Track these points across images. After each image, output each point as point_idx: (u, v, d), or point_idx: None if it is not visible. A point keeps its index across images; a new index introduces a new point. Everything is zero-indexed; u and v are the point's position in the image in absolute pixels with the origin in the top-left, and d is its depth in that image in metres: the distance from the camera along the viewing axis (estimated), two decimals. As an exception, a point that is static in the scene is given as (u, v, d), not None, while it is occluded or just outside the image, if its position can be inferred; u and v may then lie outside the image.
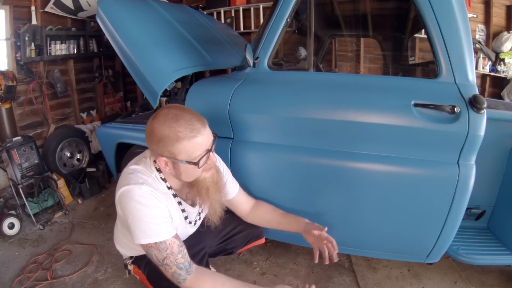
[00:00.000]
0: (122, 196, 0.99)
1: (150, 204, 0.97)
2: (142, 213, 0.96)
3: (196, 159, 0.96)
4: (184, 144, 0.93)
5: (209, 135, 0.99)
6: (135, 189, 0.96)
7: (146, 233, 0.96)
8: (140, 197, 0.96)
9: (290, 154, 1.34)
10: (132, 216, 0.97)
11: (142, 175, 1.01)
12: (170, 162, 0.98)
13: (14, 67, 2.44)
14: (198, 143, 0.94)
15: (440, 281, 1.53)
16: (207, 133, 0.98)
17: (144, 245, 0.97)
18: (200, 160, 0.96)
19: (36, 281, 1.55)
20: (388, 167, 1.23)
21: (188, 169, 0.98)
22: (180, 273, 0.96)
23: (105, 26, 1.71)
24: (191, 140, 0.93)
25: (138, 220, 0.96)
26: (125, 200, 0.98)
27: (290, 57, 2.69)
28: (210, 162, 1.01)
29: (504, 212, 1.51)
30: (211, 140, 0.99)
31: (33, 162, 2.20)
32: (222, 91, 1.40)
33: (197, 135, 0.94)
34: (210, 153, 0.99)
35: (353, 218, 1.34)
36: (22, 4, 2.47)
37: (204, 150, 0.97)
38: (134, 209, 0.96)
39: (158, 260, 0.97)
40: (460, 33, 1.15)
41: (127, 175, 1.02)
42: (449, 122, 1.14)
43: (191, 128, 0.93)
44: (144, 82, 1.57)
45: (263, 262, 1.69)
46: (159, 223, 0.98)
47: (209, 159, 1.00)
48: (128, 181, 0.99)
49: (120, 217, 1.14)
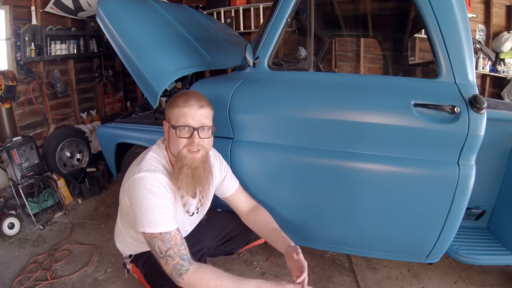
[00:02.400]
0: (134, 182, 1.01)
1: (159, 194, 1.00)
2: (151, 201, 0.98)
3: (177, 125, 1.05)
4: (175, 109, 1.07)
5: (199, 115, 1.06)
6: (147, 176, 1.00)
7: (152, 222, 0.97)
8: (152, 186, 0.99)
9: (290, 154, 1.34)
10: (140, 204, 0.98)
11: (153, 162, 1.06)
12: (167, 125, 1.10)
13: (14, 67, 2.45)
14: (183, 112, 1.05)
15: (440, 281, 1.53)
16: (199, 112, 1.06)
17: (148, 234, 0.98)
18: (177, 127, 1.04)
19: (36, 281, 1.55)
20: (388, 167, 1.23)
21: (172, 135, 1.07)
22: (183, 263, 0.97)
23: (105, 26, 1.71)
24: (180, 108, 1.06)
25: (146, 208, 0.98)
26: (136, 188, 1.00)
27: (290, 57, 2.69)
28: (191, 141, 1.05)
29: (504, 212, 1.51)
30: (200, 121, 1.06)
31: (33, 162, 2.20)
32: (222, 91, 1.40)
33: (186, 107, 1.05)
34: (194, 131, 1.05)
35: (353, 218, 1.34)
36: (22, 4, 2.47)
37: (187, 122, 1.05)
38: (144, 197, 0.98)
39: (160, 251, 0.97)
40: (460, 33, 1.15)
41: (139, 162, 1.06)
42: (449, 122, 1.14)
43: (185, 100, 1.07)
44: (144, 82, 1.57)
45: (263, 262, 1.69)
46: (166, 213, 0.99)
47: (191, 137, 1.05)
48: (141, 168, 1.03)
49: (122, 208, 1.15)
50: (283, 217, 1.36)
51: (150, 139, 1.63)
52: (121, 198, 1.12)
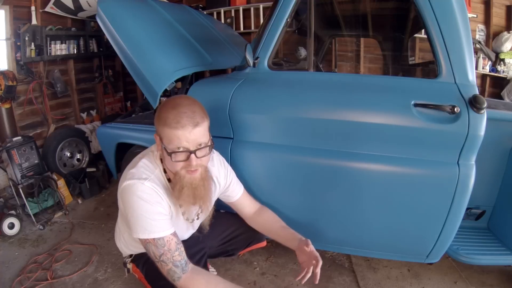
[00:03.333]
0: (124, 190, 1.00)
1: (151, 200, 0.99)
2: (143, 208, 0.97)
3: (170, 150, 0.96)
4: (166, 130, 0.96)
5: (195, 136, 0.96)
6: (137, 184, 0.98)
7: (145, 228, 0.97)
8: (143, 192, 0.98)
9: (290, 154, 1.34)
10: (132, 211, 0.98)
11: (145, 170, 1.03)
12: (159, 140, 1.01)
13: (14, 67, 2.44)
14: (176, 135, 0.94)
15: (440, 281, 1.53)
16: (194, 132, 0.95)
17: (142, 240, 0.99)
18: (173, 153, 0.96)
19: (36, 281, 1.55)
20: (388, 167, 1.23)
21: (166, 157, 0.99)
22: (175, 270, 0.97)
23: (105, 26, 1.71)
24: (172, 130, 0.94)
25: (138, 215, 0.98)
26: (127, 195, 0.99)
27: (290, 57, 2.69)
28: (189, 163, 0.98)
29: (504, 212, 1.51)
30: (196, 141, 0.97)
31: (33, 162, 2.20)
32: (222, 91, 1.40)
33: (178, 128, 0.94)
34: (191, 154, 0.96)
35: (353, 218, 1.34)
36: (22, 4, 2.47)
37: (182, 147, 0.96)
38: (135, 204, 0.98)
39: (155, 256, 0.99)
40: (460, 33, 1.15)
41: (131, 169, 1.04)
42: (449, 122, 1.14)
43: (177, 120, 0.94)
44: (144, 82, 1.57)
45: (263, 262, 1.69)
46: (158, 219, 0.99)
47: (189, 160, 0.97)
48: (132, 175, 1.01)
49: (121, 211, 1.15)
50: (283, 217, 1.35)
51: (150, 139, 1.63)
52: (118, 200, 1.12)
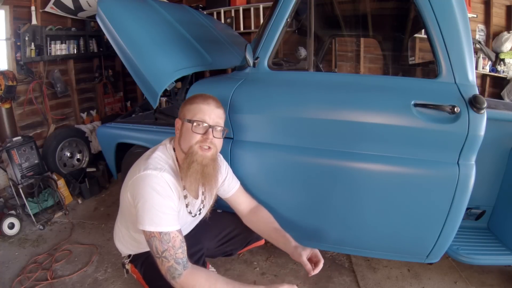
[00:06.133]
0: (138, 179, 1.01)
1: (164, 194, 1.00)
2: (154, 200, 0.99)
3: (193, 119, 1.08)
4: (193, 106, 1.11)
5: (216, 114, 1.11)
6: (154, 174, 1.01)
7: (153, 220, 0.98)
8: (157, 184, 1.00)
9: (290, 154, 1.34)
10: (144, 201, 0.99)
11: (160, 161, 1.07)
12: (180, 122, 1.13)
13: (14, 67, 2.44)
14: (201, 109, 1.09)
15: (440, 281, 1.53)
16: (216, 111, 1.11)
17: (148, 232, 0.99)
18: (195, 122, 1.07)
19: (36, 281, 1.55)
20: (388, 167, 1.23)
21: (187, 130, 1.09)
22: (176, 267, 0.97)
23: (105, 26, 1.71)
24: (198, 104, 1.10)
25: (148, 206, 0.98)
26: (141, 184, 1.00)
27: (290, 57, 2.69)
28: (205, 137, 1.08)
29: (504, 212, 1.51)
30: (216, 120, 1.11)
31: (33, 162, 2.20)
32: (222, 91, 1.39)
33: (204, 104, 1.10)
34: (209, 128, 1.08)
35: (353, 218, 1.34)
36: (22, 4, 2.47)
37: (204, 118, 1.08)
38: (148, 194, 0.99)
39: (157, 251, 0.98)
40: (460, 33, 1.15)
41: (145, 160, 1.06)
42: (449, 122, 1.14)
43: (204, 98, 1.12)
44: (144, 82, 1.57)
45: (263, 262, 1.69)
46: (168, 213, 1.00)
47: (206, 134, 1.08)
48: (147, 166, 1.03)
49: (123, 207, 1.15)
50: (283, 217, 1.36)
51: (150, 139, 1.64)
52: (122, 196, 1.12)
